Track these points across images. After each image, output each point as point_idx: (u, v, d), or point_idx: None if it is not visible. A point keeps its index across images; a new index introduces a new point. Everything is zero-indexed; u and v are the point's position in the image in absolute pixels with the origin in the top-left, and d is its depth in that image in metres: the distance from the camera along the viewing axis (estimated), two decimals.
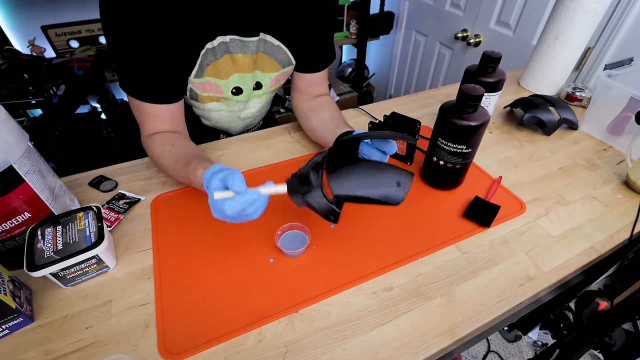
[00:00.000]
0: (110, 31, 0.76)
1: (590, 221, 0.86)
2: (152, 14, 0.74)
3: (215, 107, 1.00)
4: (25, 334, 0.63)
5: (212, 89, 0.93)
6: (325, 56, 1.02)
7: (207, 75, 0.89)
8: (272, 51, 0.93)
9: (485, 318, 0.67)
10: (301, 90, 1.08)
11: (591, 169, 1.02)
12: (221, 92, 0.95)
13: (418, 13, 2.63)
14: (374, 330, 0.65)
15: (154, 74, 0.82)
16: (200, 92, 0.93)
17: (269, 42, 0.91)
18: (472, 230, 0.83)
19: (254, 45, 0.88)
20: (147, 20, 0.74)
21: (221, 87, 0.93)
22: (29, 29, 2.22)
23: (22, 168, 0.66)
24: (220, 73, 0.90)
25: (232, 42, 0.85)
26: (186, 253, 0.77)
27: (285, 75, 1.04)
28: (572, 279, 0.82)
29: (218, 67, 0.88)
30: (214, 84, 0.92)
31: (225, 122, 1.10)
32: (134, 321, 0.66)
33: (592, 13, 1.15)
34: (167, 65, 0.82)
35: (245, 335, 0.64)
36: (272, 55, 0.94)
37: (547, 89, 1.35)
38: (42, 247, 0.66)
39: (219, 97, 0.97)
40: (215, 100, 0.98)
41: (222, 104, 1.00)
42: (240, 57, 0.89)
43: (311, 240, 0.77)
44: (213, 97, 0.96)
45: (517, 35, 1.94)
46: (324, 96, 1.08)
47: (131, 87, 0.83)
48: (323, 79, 1.08)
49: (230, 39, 0.84)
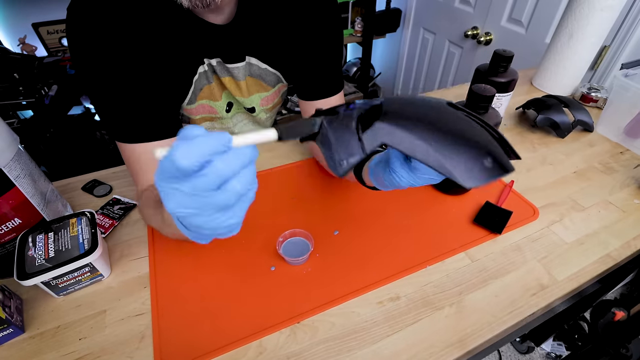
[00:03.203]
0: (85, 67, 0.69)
1: (606, 227, 0.86)
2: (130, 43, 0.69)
3: (208, 126, 1.00)
4: (16, 346, 0.64)
5: (205, 111, 0.92)
6: (329, 83, 0.94)
7: (201, 99, 0.88)
8: (258, 73, 0.90)
9: (497, 329, 0.67)
10: None
11: (607, 172, 1.02)
12: (215, 113, 0.95)
13: (426, 10, 2.63)
14: (380, 342, 0.65)
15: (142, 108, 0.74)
16: (193, 116, 0.92)
17: (255, 65, 0.87)
18: (483, 237, 0.83)
19: (240, 71, 0.86)
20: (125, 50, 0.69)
21: (215, 108, 0.93)
22: (20, 26, 2.23)
23: (12, 172, 0.67)
24: (214, 95, 0.89)
25: (219, 64, 0.83)
26: (184, 261, 0.77)
27: (276, 94, 1.01)
28: (587, 288, 0.82)
29: (212, 89, 0.87)
30: (207, 106, 0.91)
31: None
32: (129, 332, 0.66)
33: (608, 10, 1.15)
34: (156, 96, 0.76)
35: (246, 347, 0.64)
36: (260, 78, 0.91)
37: (561, 89, 1.35)
38: (33, 254, 0.66)
39: (213, 117, 0.97)
40: (209, 120, 0.97)
41: (216, 123, 1.00)
42: (227, 81, 0.87)
43: (314, 248, 0.78)
44: (206, 118, 0.96)
45: (530, 33, 1.94)
46: None
47: (118, 130, 0.74)
48: None
49: (216, 61, 0.82)
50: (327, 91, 0.93)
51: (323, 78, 0.92)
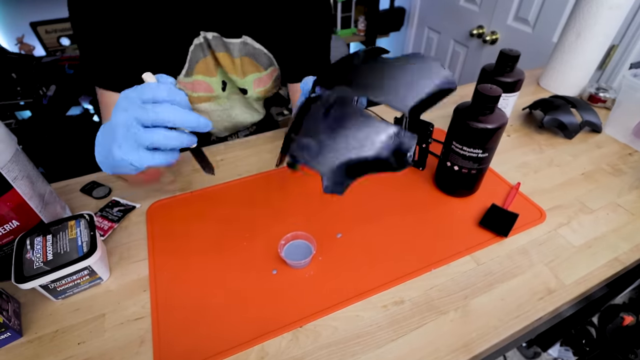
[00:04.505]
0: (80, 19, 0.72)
1: (615, 231, 0.86)
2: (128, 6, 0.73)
3: (206, 107, 1.01)
4: (13, 350, 0.64)
5: (202, 88, 0.94)
6: (316, 62, 0.98)
7: (197, 74, 0.90)
8: (252, 53, 0.93)
9: (503, 334, 0.67)
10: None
11: (616, 174, 1.01)
12: (212, 91, 0.96)
13: (431, 8, 2.64)
14: (384, 347, 0.65)
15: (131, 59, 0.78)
16: (191, 92, 0.94)
17: (250, 44, 0.90)
18: (489, 240, 0.83)
19: (235, 47, 0.89)
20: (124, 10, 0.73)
21: (212, 85, 0.94)
22: (17, 25, 2.24)
23: (10, 173, 0.67)
24: (209, 70, 0.91)
25: (215, 39, 0.86)
26: (184, 264, 0.78)
27: (269, 77, 1.03)
28: (595, 292, 0.82)
29: (207, 64, 0.89)
30: (203, 82, 0.93)
31: (218, 124, 1.11)
32: (128, 336, 0.66)
33: (616, 8, 1.15)
34: (148, 53, 0.81)
35: (247, 351, 0.64)
36: (253, 57, 0.94)
37: (568, 89, 1.35)
38: (31, 257, 0.66)
39: (210, 97, 0.98)
40: (206, 101, 0.99)
41: (214, 103, 1.01)
42: (221, 56, 0.89)
43: (317, 251, 0.77)
44: (203, 97, 0.97)
45: (537, 32, 1.95)
46: None
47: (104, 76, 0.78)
48: None
49: (212, 35, 0.85)
50: (313, 72, 0.92)
51: (310, 58, 0.96)
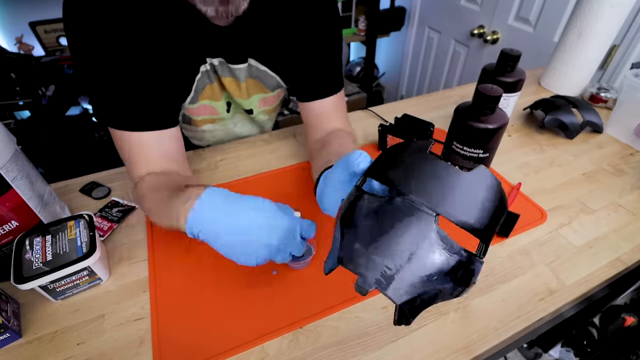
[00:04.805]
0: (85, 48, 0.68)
1: (616, 231, 0.86)
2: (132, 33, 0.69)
3: (209, 128, 1.01)
4: (13, 351, 0.64)
5: (207, 112, 0.94)
6: (327, 82, 0.93)
7: (203, 99, 0.89)
8: (257, 75, 0.90)
9: (503, 335, 0.67)
10: (311, 125, 0.97)
11: (617, 174, 1.01)
12: (216, 114, 0.96)
13: (431, 8, 2.64)
14: (385, 347, 0.65)
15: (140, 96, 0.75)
16: (195, 117, 0.94)
17: (254, 66, 0.88)
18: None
19: (242, 72, 0.87)
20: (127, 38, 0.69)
21: (217, 108, 0.94)
22: (16, 25, 2.24)
23: (9, 174, 0.67)
24: (215, 95, 0.90)
25: (221, 65, 0.84)
26: (184, 264, 0.78)
27: (275, 98, 1.02)
28: (597, 292, 0.82)
29: (213, 89, 0.88)
30: (209, 106, 0.92)
31: (218, 141, 1.12)
32: (128, 337, 0.66)
33: (618, 7, 1.15)
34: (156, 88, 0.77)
35: (247, 352, 0.64)
36: (259, 79, 0.92)
37: (569, 89, 1.35)
38: (31, 258, 0.66)
39: (214, 119, 0.98)
40: (210, 122, 0.99)
41: (217, 124, 1.01)
42: (227, 82, 0.88)
43: (317, 251, 0.78)
44: (207, 120, 0.97)
45: (538, 31, 1.95)
46: (339, 132, 0.92)
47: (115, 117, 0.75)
48: (335, 110, 0.95)
49: (218, 61, 0.83)
50: (325, 91, 0.93)
51: (321, 78, 0.92)
